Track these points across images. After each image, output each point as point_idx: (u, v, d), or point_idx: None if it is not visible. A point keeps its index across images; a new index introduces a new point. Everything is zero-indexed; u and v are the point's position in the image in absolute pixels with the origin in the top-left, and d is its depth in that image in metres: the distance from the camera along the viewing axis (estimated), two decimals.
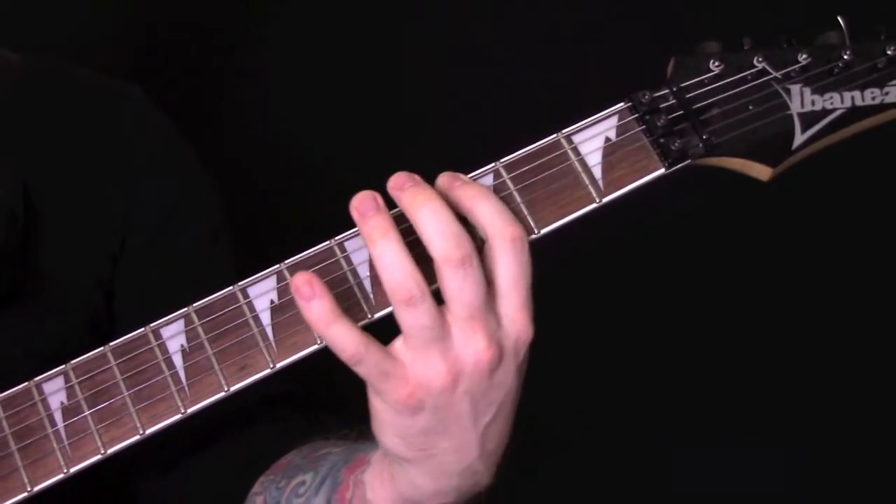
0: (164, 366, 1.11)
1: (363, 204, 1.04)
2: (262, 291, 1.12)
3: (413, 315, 1.02)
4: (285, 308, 1.11)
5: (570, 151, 1.12)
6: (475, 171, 1.12)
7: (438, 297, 1.05)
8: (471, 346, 1.03)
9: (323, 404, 1.39)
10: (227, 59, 2.25)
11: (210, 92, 2.21)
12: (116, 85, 1.47)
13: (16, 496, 1.10)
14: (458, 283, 1.02)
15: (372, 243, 1.03)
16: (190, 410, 1.10)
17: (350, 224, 1.13)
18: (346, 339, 1.03)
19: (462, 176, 1.10)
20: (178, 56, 2.21)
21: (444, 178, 1.09)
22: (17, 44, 1.46)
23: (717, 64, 1.15)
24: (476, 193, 1.07)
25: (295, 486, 1.24)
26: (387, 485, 1.13)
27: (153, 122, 1.46)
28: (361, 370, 1.04)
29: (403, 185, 1.06)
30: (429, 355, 1.03)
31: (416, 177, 1.06)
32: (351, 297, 1.10)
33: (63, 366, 1.12)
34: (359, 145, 2.20)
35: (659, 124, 1.13)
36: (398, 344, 1.05)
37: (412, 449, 1.07)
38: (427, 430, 1.06)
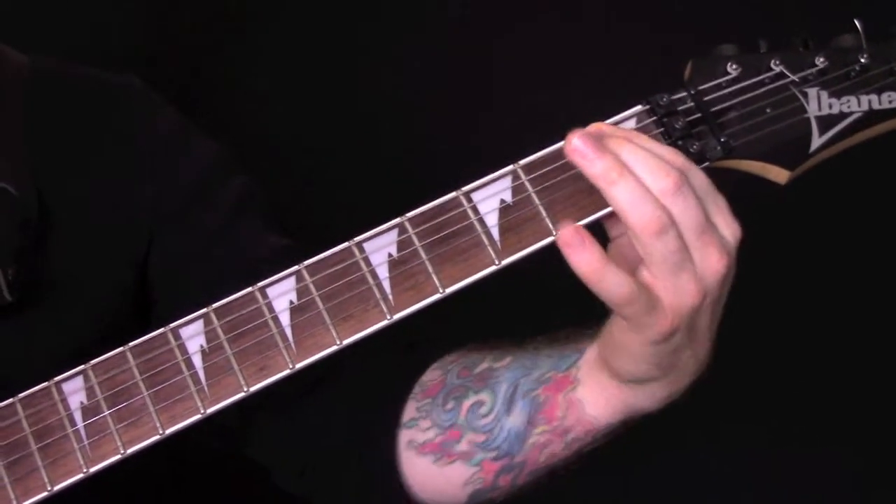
0: (183, 366, 1.11)
1: (586, 147, 1.06)
2: (281, 292, 1.12)
3: (665, 242, 1.06)
4: (305, 308, 1.11)
5: None
6: (494, 171, 1.13)
7: None
8: (709, 259, 1.08)
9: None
10: (231, 62, 2.25)
11: (216, 94, 2.21)
12: (119, 78, 1.47)
13: (36, 496, 1.10)
14: (681, 206, 1.06)
15: (610, 184, 1.06)
16: (210, 411, 1.11)
17: (365, 224, 1.14)
18: (620, 284, 1.06)
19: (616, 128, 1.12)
20: (182, 58, 2.21)
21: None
22: (23, 44, 1.46)
23: (734, 67, 1.15)
24: (636, 135, 1.11)
25: (471, 406, 1.25)
26: (613, 400, 1.17)
27: (158, 107, 1.45)
28: (629, 310, 1.08)
29: (600, 136, 1.08)
30: (680, 279, 1.07)
31: (597, 144, 1.08)
32: (370, 297, 1.11)
33: (83, 365, 1.13)
34: (369, 145, 2.20)
35: (677, 126, 1.13)
36: (646, 276, 1.08)
37: (661, 369, 1.13)
38: (677, 349, 1.11)
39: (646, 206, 1.05)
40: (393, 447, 1.31)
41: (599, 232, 1.13)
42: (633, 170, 1.06)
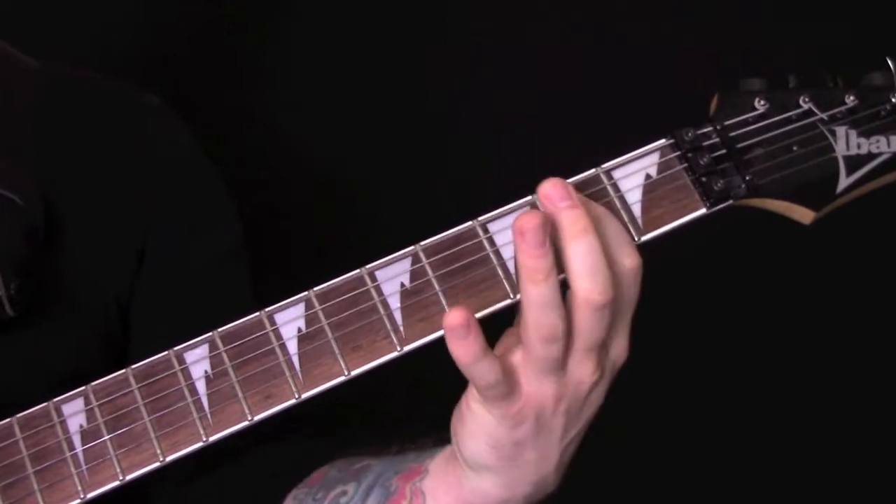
0: (186, 392, 1.09)
1: (533, 236, 1.01)
2: (289, 318, 1.09)
3: (549, 350, 1.03)
4: (313, 337, 1.08)
5: (609, 187, 1.10)
6: (512, 202, 1.10)
7: None
8: (581, 371, 1.05)
9: (348, 421, 1.38)
10: (246, 66, 2.24)
11: (234, 104, 2.19)
12: (135, 92, 1.45)
13: None
14: (592, 324, 1.02)
15: (532, 282, 1.01)
16: (212, 439, 1.08)
17: (380, 250, 1.11)
18: (490, 373, 1.03)
19: (581, 196, 1.07)
20: (191, 62, 2.19)
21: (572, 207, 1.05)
22: (34, 49, 1.44)
23: (762, 102, 1.12)
24: (601, 215, 1.06)
25: (335, 496, 1.22)
26: (452, 492, 1.12)
27: (173, 131, 1.44)
28: (489, 394, 1.05)
29: (560, 200, 1.04)
30: (545, 380, 1.04)
31: (572, 191, 1.05)
32: (380, 328, 1.08)
33: (83, 387, 1.10)
34: (388, 169, 2.19)
35: (702, 163, 1.10)
36: (516, 360, 1.05)
37: (500, 458, 1.08)
38: (520, 442, 1.07)
39: (550, 313, 1.01)
40: None
41: None
42: (573, 263, 1.02)
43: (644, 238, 1.10)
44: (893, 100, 1.12)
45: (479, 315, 1.08)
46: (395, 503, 1.16)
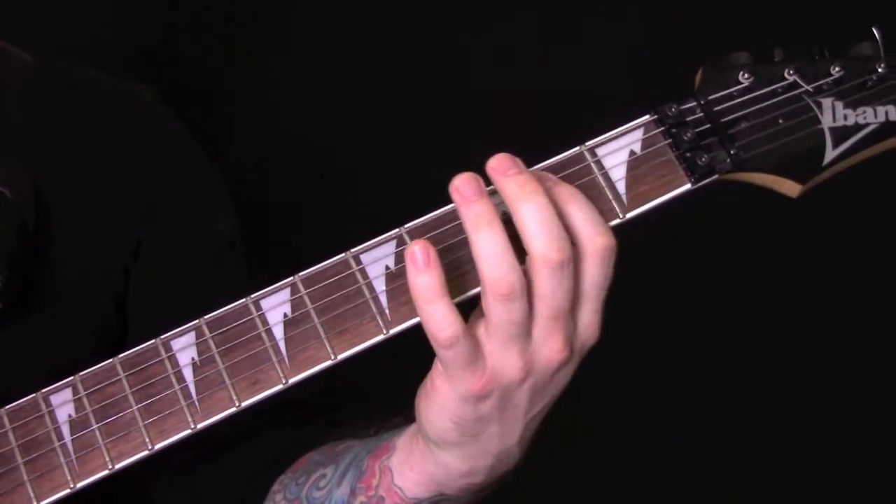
0: (174, 379, 1.09)
1: (466, 186, 1.02)
2: (275, 304, 1.09)
3: (508, 309, 1.01)
4: (299, 322, 1.08)
5: (593, 164, 1.09)
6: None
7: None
8: (548, 345, 1.04)
9: (339, 405, 1.37)
10: (237, 64, 2.24)
11: (221, 99, 2.20)
12: (128, 87, 1.45)
13: None
14: (553, 285, 1.01)
15: (475, 230, 1.01)
16: (200, 426, 1.08)
17: (364, 236, 1.11)
18: (447, 320, 1.02)
19: (551, 176, 1.08)
20: (187, 60, 2.20)
21: (535, 174, 1.06)
22: (29, 45, 1.44)
23: (746, 76, 1.11)
24: (570, 195, 1.05)
25: (315, 479, 1.24)
26: (416, 467, 1.13)
27: (167, 124, 1.44)
28: (448, 354, 1.03)
29: (507, 170, 1.03)
30: (510, 349, 1.03)
31: (520, 162, 1.04)
32: (366, 311, 1.08)
33: (71, 377, 1.10)
34: (375, 155, 2.19)
35: (686, 138, 1.10)
36: (480, 331, 1.04)
37: (463, 434, 1.07)
38: (483, 418, 1.06)
39: (502, 266, 1.00)
40: None
41: None
42: (523, 225, 1.01)
43: (629, 215, 1.09)
44: (880, 70, 1.11)
45: (464, 297, 1.08)
46: (366, 481, 1.17)
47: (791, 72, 1.11)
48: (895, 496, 2.37)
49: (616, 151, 1.10)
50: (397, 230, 1.09)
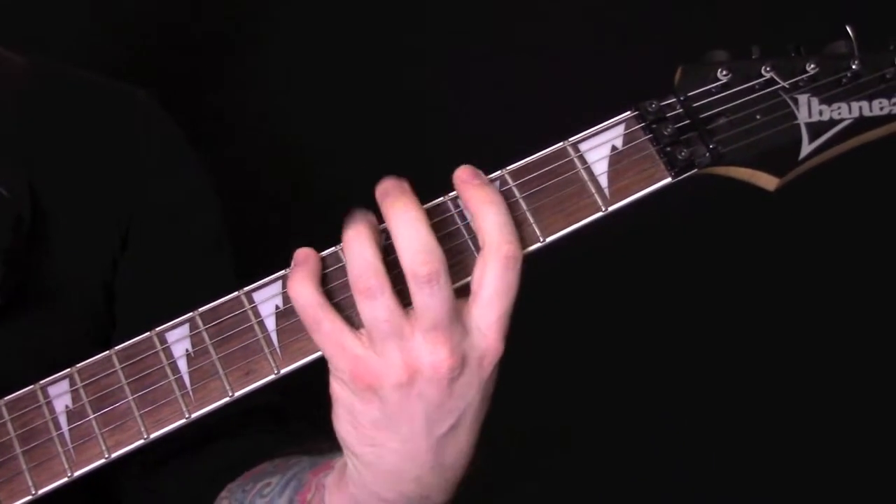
0: (168, 370, 1.11)
1: (354, 215, 1.06)
2: (267, 296, 1.12)
3: (371, 307, 1.04)
4: (290, 313, 1.11)
5: (576, 160, 1.12)
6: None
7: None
8: (431, 352, 1.04)
9: (301, 415, 1.39)
10: (230, 62, 2.25)
11: (212, 95, 2.21)
12: (121, 87, 1.47)
13: (20, 499, 1.10)
14: (424, 299, 1.03)
15: (344, 233, 1.05)
16: (195, 415, 1.11)
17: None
18: (306, 297, 1.05)
19: (482, 176, 1.10)
20: (181, 59, 2.21)
21: (464, 171, 1.09)
22: (22, 46, 1.46)
23: (724, 73, 1.14)
24: (486, 199, 1.07)
25: (260, 487, 1.26)
26: (343, 488, 1.13)
27: (158, 124, 1.46)
28: (318, 337, 1.06)
29: (388, 191, 1.06)
30: (386, 348, 1.04)
31: (405, 184, 1.07)
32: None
33: (68, 369, 1.13)
34: (363, 149, 2.21)
35: (666, 133, 1.12)
36: (363, 329, 1.06)
37: (361, 441, 1.07)
38: (377, 423, 1.06)
39: (358, 263, 1.04)
40: None
41: (598, 234, 1.12)
42: (395, 238, 1.04)
43: (611, 208, 1.12)
44: (854, 67, 1.14)
45: (458, 285, 1.10)
46: (302, 495, 1.19)
47: (768, 69, 1.14)
48: (895, 496, 2.39)
49: (598, 146, 1.13)
50: (383, 226, 1.11)
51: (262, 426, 1.37)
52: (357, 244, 1.04)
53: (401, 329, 1.03)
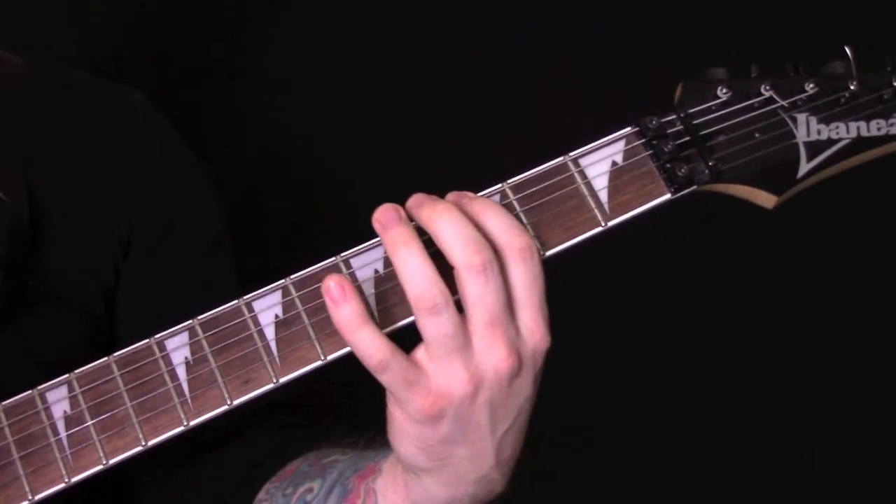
0: (167, 378, 1.11)
1: (384, 215, 1.06)
2: (267, 306, 1.12)
3: (436, 323, 1.03)
4: (290, 323, 1.11)
5: (576, 174, 1.13)
6: (482, 191, 1.13)
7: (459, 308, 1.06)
8: (492, 354, 1.05)
9: (328, 411, 1.39)
10: (230, 64, 2.25)
11: (214, 100, 2.21)
12: (118, 90, 1.47)
13: None
14: (480, 290, 1.04)
15: (395, 253, 1.04)
16: (193, 423, 1.11)
17: (356, 234, 1.14)
18: (373, 346, 1.04)
19: (468, 193, 1.11)
20: (180, 60, 2.21)
21: (450, 196, 1.10)
22: (20, 47, 1.46)
23: (724, 91, 1.15)
24: (484, 206, 1.08)
25: (302, 493, 1.25)
26: (400, 493, 1.13)
27: (156, 126, 1.46)
28: (385, 378, 1.05)
29: (421, 203, 1.07)
30: (451, 364, 1.04)
31: (434, 196, 1.08)
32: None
33: (66, 375, 1.12)
34: (365, 159, 2.21)
35: (666, 150, 1.13)
36: (420, 353, 1.06)
37: (430, 458, 1.08)
38: (446, 440, 1.07)
39: (422, 281, 1.03)
40: None
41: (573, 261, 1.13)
42: (440, 239, 1.05)
43: (611, 223, 1.13)
44: (852, 87, 1.16)
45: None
46: (350, 502, 1.19)
47: (767, 87, 1.16)
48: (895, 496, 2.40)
49: (599, 162, 1.14)
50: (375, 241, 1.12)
51: (286, 423, 1.36)
52: (414, 259, 1.04)
53: (463, 339, 1.04)
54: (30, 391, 1.12)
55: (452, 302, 1.04)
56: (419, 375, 1.05)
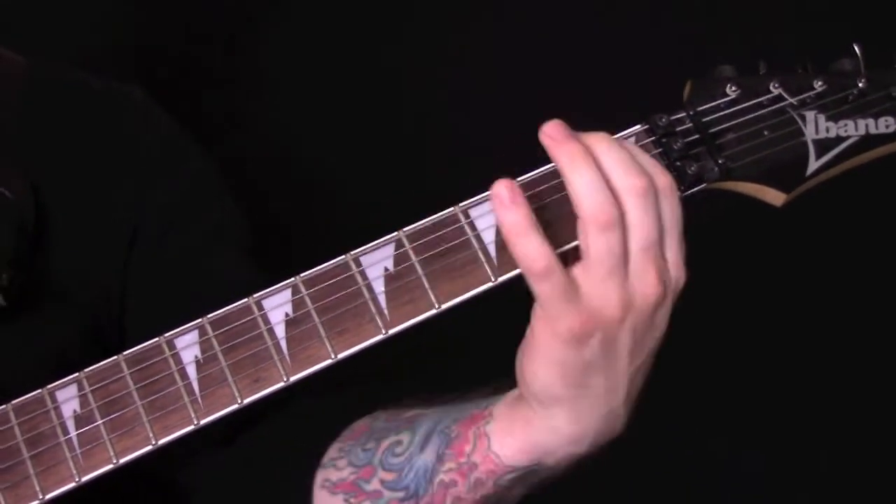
0: (177, 376, 1.11)
1: (555, 130, 1.08)
2: (276, 304, 1.12)
3: (607, 239, 1.05)
4: (300, 321, 1.11)
5: None
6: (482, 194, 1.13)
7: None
8: (644, 280, 1.07)
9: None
10: (231, 65, 2.25)
11: (219, 100, 2.21)
12: (118, 87, 1.47)
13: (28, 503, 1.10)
14: (641, 214, 1.06)
15: (571, 167, 1.06)
16: (203, 422, 1.11)
17: (362, 238, 1.14)
18: (539, 251, 1.05)
19: (569, 132, 1.11)
20: (180, 61, 2.21)
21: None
22: (22, 47, 1.46)
23: (733, 89, 1.16)
24: (596, 145, 1.09)
25: (389, 445, 1.22)
26: (519, 434, 1.13)
27: (156, 120, 1.45)
28: (544, 287, 1.06)
29: (569, 133, 1.09)
30: (606, 284, 1.06)
31: (565, 127, 1.10)
32: (366, 312, 1.11)
33: (77, 374, 1.12)
34: (365, 158, 2.21)
35: (675, 148, 1.14)
36: (577, 271, 1.07)
37: (568, 386, 1.08)
38: (588, 365, 1.08)
39: (600, 195, 1.05)
40: (308, 486, 1.29)
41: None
42: (603, 163, 1.07)
43: None
44: (860, 84, 1.16)
45: (461, 298, 1.11)
46: (456, 448, 1.17)
47: (776, 85, 1.16)
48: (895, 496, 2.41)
49: None
50: (396, 234, 1.12)
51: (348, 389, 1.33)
52: (590, 173, 1.06)
53: (624, 259, 1.06)
54: (39, 390, 1.12)
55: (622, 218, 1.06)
56: (576, 292, 1.06)
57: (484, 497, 1.17)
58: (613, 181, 1.07)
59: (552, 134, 1.07)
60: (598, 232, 1.05)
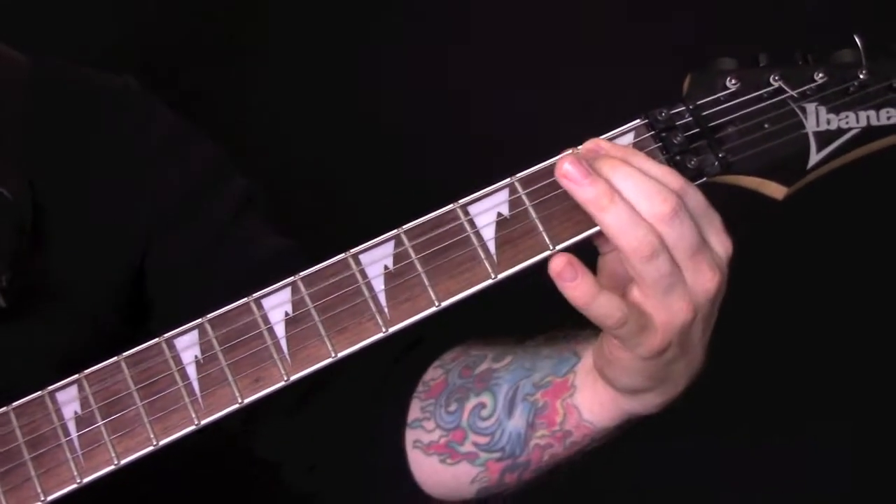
0: (177, 377, 1.11)
1: (572, 171, 1.08)
2: (276, 303, 1.12)
3: (655, 267, 1.07)
4: (300, 320, 1.11)
5: None
6: (490, 185, 1.13)
7: None
8: (699, 277, 1.09)
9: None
10: (231, 64, 2.25)
11: (215, 101, 2.21)
12: (115, 80, 1.46)
13: None
14: (677, 232, 1.08)
15: (601, 210, 1.07)
16: (204, 422, 1.10)
17: (363, 234, 1.14)
18: (611, 307, 1.08)
19: (623, 148, 1.13)
20: (180, 61, 2.21)
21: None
22: (22, 44, 1.46)
23: (733, 81, 1.15)
24: (638, 157, 1.11)
25: (473, 408, 1.28)
26: (608, 405, 1.20)
27: (155, 108, 1.45)
28: (622, 332, 1.09)
29: (599, 151, 1.11)
30: (671, 299, 1.09)
31: (603, 142, 1.12)
32: (365, 310, 1.11)
33: (77, 375, 1.12)
34: (365, 158, 2.20)
35: (675, 142, 1.13)
36: (636, 296, 1.09)
37: (652, 380, 1.15)
38: (669, 362, 1.13)
39: (636, 230, 1.07)
40: (401, 446, 1.32)
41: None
42: (625, 194, 1.07)
43: None
44: (861, 76, 1.15)
45: (461, 296, 1.11)
46: (547, 418, 1.24)
47: (776, 77, 1.15)
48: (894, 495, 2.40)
49: None
50: (395, 231, 1.12)
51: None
52: (624, 211, 1.07)
53: (677, 273, 1.08)
54: (40, 392, 1.12)
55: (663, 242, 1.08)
56: (648, 319, 1.09)
57: (580, 450, 1.26)
58: (643, 212, 1.07)
59: (570, 176, 1.08)
60: (645, 264, 1.07)
